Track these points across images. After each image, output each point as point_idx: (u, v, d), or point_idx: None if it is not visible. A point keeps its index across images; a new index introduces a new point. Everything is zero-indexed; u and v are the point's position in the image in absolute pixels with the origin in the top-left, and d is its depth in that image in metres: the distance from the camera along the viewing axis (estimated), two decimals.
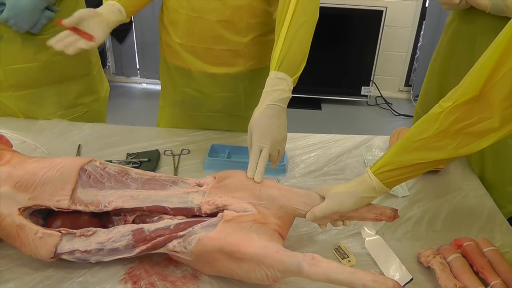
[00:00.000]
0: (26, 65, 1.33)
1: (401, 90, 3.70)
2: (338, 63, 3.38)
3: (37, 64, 1.34)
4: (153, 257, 0.90)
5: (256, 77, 1.31)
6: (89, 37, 1.05)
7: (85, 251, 0.85)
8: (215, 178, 0.95)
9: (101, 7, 1.12)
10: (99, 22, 1.09)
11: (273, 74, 1.01)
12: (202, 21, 1.19)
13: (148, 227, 0.87)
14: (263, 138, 0.96)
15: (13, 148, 1.07)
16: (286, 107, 1.00)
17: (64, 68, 1.40)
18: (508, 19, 0.72)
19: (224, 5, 1.16)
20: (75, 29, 1.06)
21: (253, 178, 0.94)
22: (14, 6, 1.21)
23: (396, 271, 0.90)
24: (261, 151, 0.96)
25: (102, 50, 3.51)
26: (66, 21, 1.05)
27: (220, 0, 1.16)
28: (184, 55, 1.28)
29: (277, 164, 1.05)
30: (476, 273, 0.87)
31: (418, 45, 3.49)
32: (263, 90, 1.01)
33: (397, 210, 0.89)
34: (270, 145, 0.96)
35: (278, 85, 0.99)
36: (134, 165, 1.18)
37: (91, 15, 1.08)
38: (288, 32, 1.02)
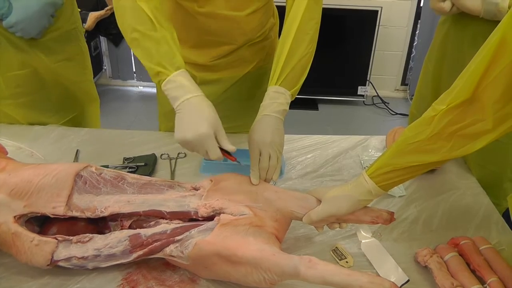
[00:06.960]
0: (21, 71, 1.33)
1: (397, 89, 3.70)
2: (334, 63, 3.38)
3: (32, 70, 1.34)
4: (150, 262, 0.90)
5: (258, 77, 1.34)
6: (232, 159, 0.96)
7: (82, 258, 0.85)
8: (212, 181, 0.95)
9: (192, 88, 0.96)
10: None
11: (272, 89, 1.01)
12: (206, 41, 1.22)
13: (145, 232, 0.87)
14: (260, 141, 0.96)
15: (8, 155, 1.07)
16: (283, 119, 1.00)
17: (61, 74, 1.41)
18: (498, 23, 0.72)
19: (229, 28, 1.19)
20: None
21: (252, 182, 0.95)
22: (24, 11, 1.19)
23: (392, 273, 0.90)
24: (260, 155, 0.96)
25: (98, 54, 3.51)
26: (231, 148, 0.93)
27: (226, 26, 1.19)
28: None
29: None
30: (473, 272, 0.87)
31: (414, 44, 3.50)
32: (261, 104, 1.01)
33: (393, 213, 0.90)
34: (267, 147, 0.95)
35: (276, 98, 1.00)
36: (130, 170, 1.17)
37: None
38: (290, 47, 1.02)
